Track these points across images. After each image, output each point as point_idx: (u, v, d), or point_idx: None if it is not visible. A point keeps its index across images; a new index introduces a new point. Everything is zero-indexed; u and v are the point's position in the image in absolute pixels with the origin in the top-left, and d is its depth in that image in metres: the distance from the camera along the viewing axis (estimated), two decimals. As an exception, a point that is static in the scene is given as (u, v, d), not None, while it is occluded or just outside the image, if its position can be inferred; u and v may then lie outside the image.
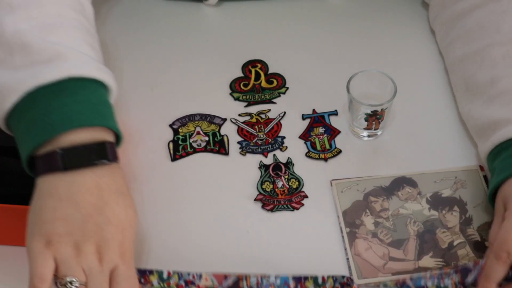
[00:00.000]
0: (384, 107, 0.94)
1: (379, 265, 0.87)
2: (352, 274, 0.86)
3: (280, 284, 0.83)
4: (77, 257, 0.78)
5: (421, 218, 0.90)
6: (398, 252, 0.88)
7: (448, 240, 0.88)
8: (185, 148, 0.98)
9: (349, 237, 0.89)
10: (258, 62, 1.08)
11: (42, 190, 0.81)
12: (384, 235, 0.89)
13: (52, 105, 0.81)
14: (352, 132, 0.98)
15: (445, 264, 0.86)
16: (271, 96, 1.04)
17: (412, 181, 0.94)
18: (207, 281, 0.84)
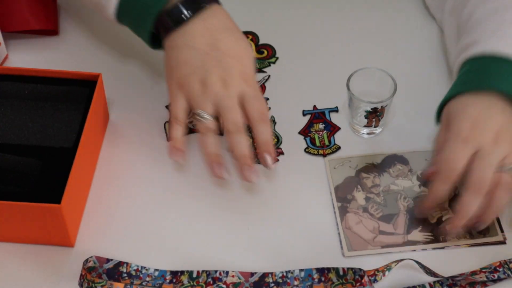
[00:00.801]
0: (384, 105, 0.96)
1: (369, 238, 0.90)
2: (343, 247, 0.89)
3: (304, 277, 0.86)
4: (204, 91, 0.88)
5: (411, 194, 0.94)
6: (388, 226, 0.91)
7: (437, 215, 0.91)
8: None
9: (341, 211, 0.93)
10: (249, 34, 1.11)
11: (167, 49, 0.92)
12: (375, 210, 0.93)
13: None
14: (352, 129, 1.01)
15: (434, 238, 0.89)
16: (262, 65, 1.08)
17: (404, 159, 0.97)
18: (233, 278, 0.86)
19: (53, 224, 0.86)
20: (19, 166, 0.91)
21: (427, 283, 0.86)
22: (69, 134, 0.95)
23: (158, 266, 0.88)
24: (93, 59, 1.09)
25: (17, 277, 0.87)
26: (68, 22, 1.13)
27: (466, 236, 0.89)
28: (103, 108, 1.00)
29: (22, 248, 0.90)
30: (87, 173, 0.95)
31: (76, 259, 0.88)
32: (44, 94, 0.98)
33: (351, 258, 0.89)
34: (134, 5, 0.92)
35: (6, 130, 0.95)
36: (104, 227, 0.92)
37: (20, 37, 1.11)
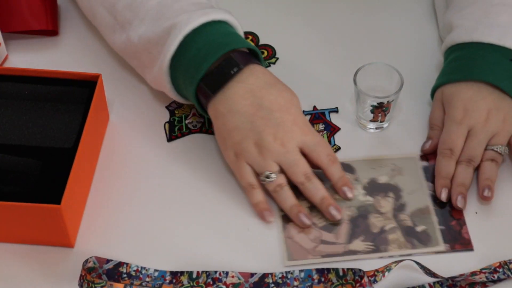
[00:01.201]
0: (390, 99, 0.96)
1: (310, 248, 0.90)
2: (283, 256, 0.89)
3: (304, 277, 0.86)
4: (262, 153, 0.89)
5: (356, 203, 0.93)
6: (330, 236, 0.91)
7: (380, 225, 0.91)
8: (180, 129, 1.00)
9: (283, 220, 0.92)
10: (249, 34, 1.11)
11: (212, 119, 0.93)
12: (318, 218, 0.92)
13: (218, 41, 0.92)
14: (359, 124, 1.01)
15: (375, 248, 0.89)
16: None
17: (351, 168, 0.97)
18: (233, 278, 0.86)
19: (53, 225, 0.86)
20: (19, 166, 0.91)
21: (427, 284, 0.86)
22: (69, 134, 0.95)
23: (158, 266, 0.88)
24: (93, 60, 1.09)
25: (17, 277, 0.87)
26: (68, 22, 1.14)
27: (408, 246, 0.89)
28: (103, 109, 1.00)
29: (22, 248, 0.90)
30: (87, 174, 0.95)
31: (76, 259, 0.88)
32: (44, 95, 0.98)
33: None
34: (179, 78, 0.93)
35: (6, 131, 0.95)
36: (104, 227, 0.92)
37: (20, 37, 1.11)
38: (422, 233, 0.90)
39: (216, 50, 0.91)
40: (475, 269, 0.87)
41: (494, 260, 0.88)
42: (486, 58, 0.95)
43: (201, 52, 0.91)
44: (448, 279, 0.86)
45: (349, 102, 1.04)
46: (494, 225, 0.92)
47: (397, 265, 0.87)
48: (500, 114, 0.93)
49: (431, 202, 0.93)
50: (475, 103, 0.93)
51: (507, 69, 0.94)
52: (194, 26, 0.92)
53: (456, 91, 0.95)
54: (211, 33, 0.92)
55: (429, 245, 0.89)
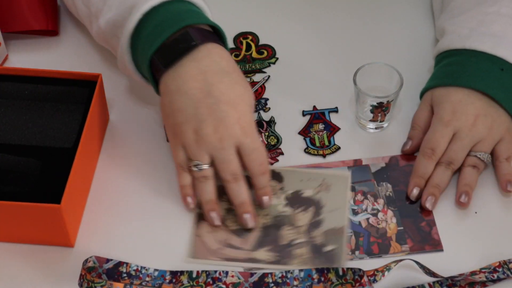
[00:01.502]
0: (390, 99, 0.96)
1: (214, 249, 0.89)
2: (188, 251, 0.89)
3: (304, 277, 0.86)
4: (198, 142, 0.87)
5: (274, 213, 0.92)
6: (238, 240, 0.90)
7: (290, 238, 0.90)
8: None
9: (198, 217, 0.92)
10: (249, 34, 1.11)
11: (161, 94, 0.90)
12: (232, 222, 0.91)
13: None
14: (359, 124, 1.01)
15: (277, 260, 0.88)
16: (262, 66, 1.08)
17: (280, 176, 0.96)
18: (233, 278, 0.86)
19: (53, 224, 0.86)
20: (19, 166, 0.91)
21: (427, 283, 0.86)
22: (69, 134, 0.95)
23: (157, 266, 0.88)
24: (93, 60, 1.09)
25: (17, 277, 0.88)
26: (68, 22, 1.14)
27: (309, 264, 0.88)
28: (103, 109, 1.00)
29: (22, 248, 0.90)
30: (87, 173, 0.95)
31: (76, 259, 0.88)
32: (44, 95, 0.98)
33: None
34: (138, 57, 0.91)
35: (6, 130, 0.95)
36: (104, 227, 0.92)
37: (20, 37, 1.11)
38: (328, 253, 0.88)
39: (172, 25, 0.88)
40: (475, 268, 0.87)
41: (492, 260, 0.88)
42: (478, 66, 0.95)
43: (157, 28, 0.88)
44: (448, 278, 0.86)
45: (349, 102, 1.04)
46: (495, 225, 0.92)
47: (396, 265, 0.87)
48: (488, 121, 0.93)
49: (348, 224, 0.91)
50: (464, 107, 0.94)
51: (497, 78, 0.94)
52: (152, 4, 0.90)
53: (446, 94, 0.95)
54: (170, 10, 0.89)
55: (332, 266, 0.88)
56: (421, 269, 0.86)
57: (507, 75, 0.95)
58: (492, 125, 0.94)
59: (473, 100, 0.94)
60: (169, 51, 0.88)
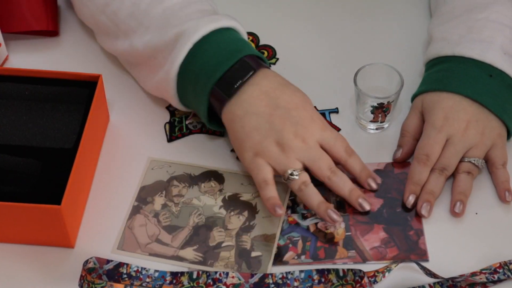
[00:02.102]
0: (390, 100, 0.96)
1: (142, 243, 0.90)
2: (115, 243, 0.89)
3: (304, 278, 0.86)
4: (284, 151, 0.89)
5: (208, 213, 0.92)
6: (167, 237, 0.90)
7: (219, 240, 0.90)
8: (181, 130, 1.00)
9: (133, 210, 0.92)
10: (249, 34, 1.11)
11: (227, 122, 0.92)
12: (165, 218, 0.92)
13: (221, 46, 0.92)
14: (359, 125, 1.01)
15: (202, 260, 0.88)
16: None
17: (221, 178, 0.96)
18: (233, 279, 0.86)
19: (53, 225, 0.86)
20: (20, 167, 0.91)
21: (427, 284, 0.86)
22: (69, 135, 0.95)
23: (158, 267, 0.88)
24: (93, 60, 1.09)
25: (17, 278, 0.88)
26: (68, 23, 1.14)
27: (234, 268, 0.87)
28: (103, 109, 1.00)
29: (22, 249, 0.90)
30: (88, 174, 0.95)
31: (76, 260, 0.88)
32: (45, 95, 0.98)
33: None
34: (189, 86, 0.93)
35: (6, 131, 0.95)
36: (104, 227, 0.92)
37: (21, 38, 1.11)
38: (254, 259, 0.88)
39: (230, 57, 0.91)
40: (475, 269, 0.87)
41: (492, 261, 0.88)
42: (466, 72, 0.95)
43: (212, 59, 0.91)
44: (448, 279, 0.86)
45: (349, 103, 1.04)
46: (495, 226, 0.92)
47: (397, 266, 0.87)
48: (479, 127, 0.93)
49: (280, 232, 0.91)
50: (456, 113, 0.94)
51: (486, 84, 0.95)
52: (203, 34, 0.92)
53: (437, 100, 0.95)
54: (222, 40, 0.92)
55: (256, 272, 0.87)
56: (422, 270, 0.86)
57: (496, 82, 0.95)
58: (483, 131, 0.94)
59: (464, 106, 0.94)
60: (231, 81, 0.91)
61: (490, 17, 0.98)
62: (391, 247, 0.89)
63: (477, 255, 0.89)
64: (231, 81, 0.91)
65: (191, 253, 0.89)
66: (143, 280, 0.86)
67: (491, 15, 0.98)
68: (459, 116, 0.94)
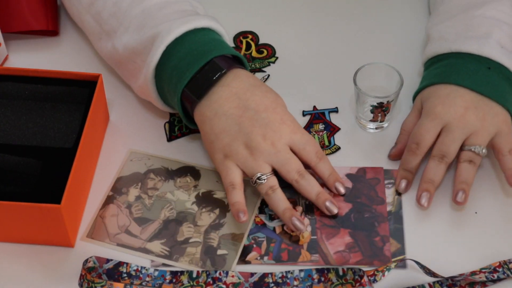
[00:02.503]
0: (390, 99, 0.96)
1: (112, 233, 0.90)
2: (85, 231, 0.90)
3: (304, 277, 0.87)
4: (252, 154, 0.89)
5: (179, 208, 0.92)
6: (137, 229, 0.90)
7: (187, 235, 0.90)
8: (180, 129, 1.00)
9: (107, 200, 0.93)
10: (249, 33, 1.12)
11: (199, 123, 0.92)
12: (137, 210, 0.92)
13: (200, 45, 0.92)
14: (359, 124, 1.01)
15: (168, 254, 0.88)
16: (261, 65, 1.08)
17: (198, 174, 0.96)
18: (233, 278, 0.86)
19: (53, 225, 0.86)
20: (20, 166, 0.92)
21: (427, 284, 0.86)
22: (69, 134, 0.95)
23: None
24: (93, 60, 1.09)
25: (17, 277, 0.88)
26: (68, 22, 1.14)
27: (198, 264, 0.87)
28: (103, 109, 1.00)
29: (22, 248, 0.90)
30: (87, 174, 0.95)
31: (76, 259, 0.88)
32: (45, 95, 0.98)
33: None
34: (164, 87, 0.93)
35: (6, 131, 0.96)
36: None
37: (21, 37, 1.12)
38: (219, 257, 0.88)
39: (199, 58, 0.91)
40: (475, 268, 0.87)
41: (492, 260, 0.88)
42: (465, 66, 0.95)
43: (183, 60, 0.91)
44: (448, 278, 0.86)
45: (349, 102, 1.04)
46: (495, 225, 0.92)
47: (397, 265, 0.87)
48: (479, 113, 0.92)
49: (247, 233, 0.91)
50: (452, 99, 0.93)
51: (485, 75, 0.94)
52: (176, 35, 0.92)
53: (433, 90, 0.95)
54: (193, 41, 0.92)
55: (219, 270, 0.87)
56: (421, 269, 0.86)
57: (495, 73, 0.94)
58: (484, 117, 0.92)
59: (461, 94, 0.93)
60: (200, 82, 0.90)
61: (486, 14, 0.98)
62: (354, 252, 0.89)
63: (477, 254, 0.89)
64: (200, 83, 0.90)
65: (158, 246, 0.89)
66: (143, 279, 0.86)
67: (487, 11, 0.98)
68: (455, 102, 0.93)
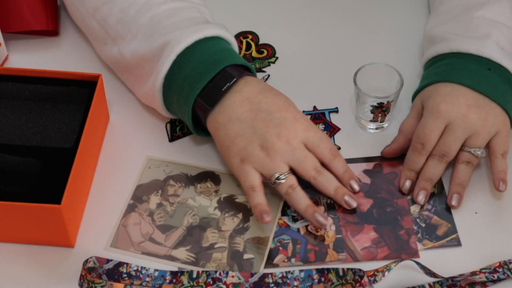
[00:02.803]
0: (390, 100, 0.96)
1: (136, 241, 0.90)
2: (108, 240, 0.90)
3: (304, 277, 0.87)
4: (268, 155, 0.89)
5: (202, 214, 0.92)
6: (161, 236, 0.90)
7: (212, 241, 0.90)
8: (182, 129, 1.00)
9: (128, 208, 0.92)
10: (249, 33, 1.12)
11: (212, 131, 0.93)
12: (160, 217, 0.92)
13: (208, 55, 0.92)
14: (359, 124, 1.01)
15: (194, 261, 0.88)
16: (261, 65, 1.08)
17: (218, 179, 0.96)
18: (233, 278, 0.86)
19: (53, 225, 0.86)
20: (20, 166, 0.91)
21: (427, 284, 0.86)
22: (69, 134, 0.95)
23: (150, 266, 0.88)
24: (93, 60, 1.09)
25: (17, 277, 0.88)
26: (68, 22, 1.14)
27: (226, 269, 0.87)
28: (103, 109, 1.00)
29: (22, 248, 0.90)
30: (87, 174, 0.95)
31: (76, 259, 0.88)
32: (45, 95, 0.98)
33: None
34: (174, 97, 0.93)
35: (6, 131, 0.96)
36: (104, 227, 0.92)
37: (21, 37, 1.12)
38: (246, 261, 0.88)
39: (211, 67, 0.91)
40: (475, 269, 0.87)
41: (492, 260, 0.88)
42: (465, 66, 0.95)
43: (195, 70, 0.91)
44: (448, 279, 0.86)
45: (349, 102, 1.04)
46: (495, 225, 0.92)
47: (397, 265, 0.87)
48: (481, 113, 0.92)
49: (272, 235, 0.91)
50: (455, 97, 0.92)
51: (486, 76, 0.94)
52: (187, 44, 0.92)
53: (434, 89, 0.94)
54: (205, 51, 0.92)
55: None
56: (422, 269, 0.86)
57: (495, 74, 0.94)
58: (486, 117, 0.92)
59: (463, 92, 0.93)
60: (212, 91, 0.91)
61: (486, 16, 0.98)
62: (381, 247, 0.89)
63: (477, 254, 0.89)
64: (213, 91, 0.91)
65: (184, 253, 0.89)
66: (143, 280, 0.86)
67: (487, 13, 0.98)
68: (458, 100, 0.92)
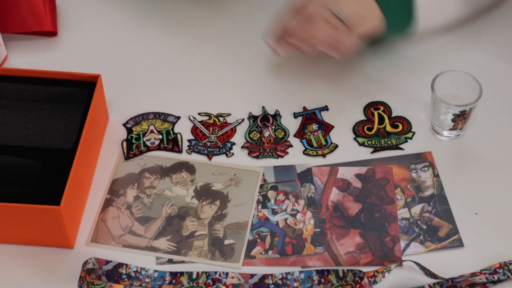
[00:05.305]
0: (472, 107, 0.95)
1: (116, 235, 0.90)
2: (88, 236, 0.90)
3: (304, 278, 0.87)
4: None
5: (180, 203, 0.93)
6: (140, 228, 0.91)
7: (192, 229, 0.91)
8: (138, 147, 0.99)
9: (105, 203, 0.93)
10: (380, 104, 1.05)
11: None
12: (138, 209, 0.92)
13: None
14: (432, 131, 1.00)
15: (176, 250, 0.89)
16: (398, 141, 1.01)
17: (193, 168, 0.96)
18: (233, 279, 0.86)
19: (53, 226, 0.86)
20: (19, 167, 0.91)
21: (427, 285, 0.86)
22: (68, 135, 0.95)
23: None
24: (92, 60, 1.09)
25: (17, 278, 0.88)
26: (67, 23, 1.14)
27: (208, 256, 0.88)
28: (103, 109, 1.00)
29: (21, 249, 0.90)
30: (87, 175, 0.95)
31: (76, 260, 0.88)
32: (44, 95, 0.98)
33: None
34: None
35: (5, 131, 0.95)
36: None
37: (20, 38, 1.11)
38: (227, 247, 0.89)
39: None
40: (475, 270, 0.87)
41: (492, 261, 0.88)
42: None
43: None
44: (448, 280, 0.86)
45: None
46: (495, 226, 0.92)
47: (396, 266, 0.87)
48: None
49: (251, 220, 0.91)
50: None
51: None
52: None
53: None
54: None
55: (229, 260, 0.88)
56: (422, 270, 0.86)
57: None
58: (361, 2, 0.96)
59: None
60: None
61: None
62: (365, 252, 0.89)
63: (477, 255, 0.89)
64: None
65: (165, 243, 0.89)
66: (143, 281, 0.86)
67: None
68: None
